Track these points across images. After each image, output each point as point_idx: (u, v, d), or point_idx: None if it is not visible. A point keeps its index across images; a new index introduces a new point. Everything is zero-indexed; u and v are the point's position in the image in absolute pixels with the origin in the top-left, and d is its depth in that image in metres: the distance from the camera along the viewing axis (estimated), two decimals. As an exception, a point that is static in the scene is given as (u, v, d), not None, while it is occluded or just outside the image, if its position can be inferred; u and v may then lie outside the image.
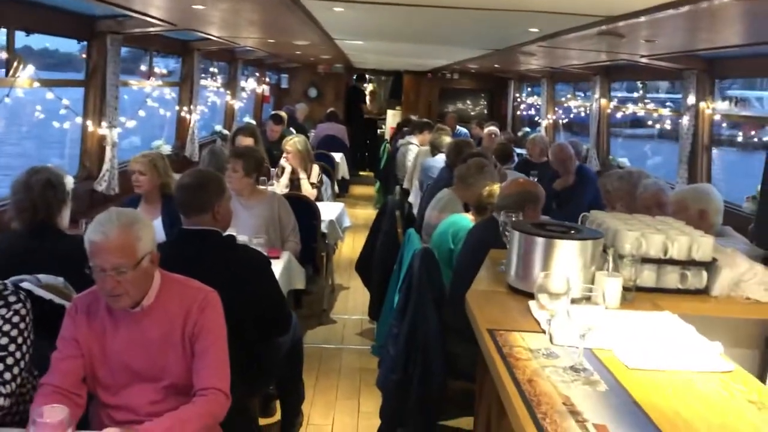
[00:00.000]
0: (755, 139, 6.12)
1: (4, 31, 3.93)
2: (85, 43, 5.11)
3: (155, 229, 2.32)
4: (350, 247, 7.47)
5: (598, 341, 1.94)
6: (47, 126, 4.97)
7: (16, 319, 2.17)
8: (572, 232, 2.43)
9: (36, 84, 4.14)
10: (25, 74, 4.00)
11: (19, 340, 2.16)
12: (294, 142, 5.97)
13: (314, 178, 6.05)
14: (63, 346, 2.20)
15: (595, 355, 1.90)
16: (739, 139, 5.95)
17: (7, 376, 2.11)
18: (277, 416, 3.74)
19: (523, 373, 1.75)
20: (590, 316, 1.78)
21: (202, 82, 8.16)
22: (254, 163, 4.33)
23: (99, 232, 2.11)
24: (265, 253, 3.61)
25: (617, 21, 3.69)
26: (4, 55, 3.97)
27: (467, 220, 4.07)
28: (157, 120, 7.28)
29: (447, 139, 6.97)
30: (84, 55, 5.14)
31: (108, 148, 5.13)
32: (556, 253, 2.33)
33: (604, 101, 7.98)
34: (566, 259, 2.32)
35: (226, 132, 8.98)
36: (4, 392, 2.09)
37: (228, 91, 9.52)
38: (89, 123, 5.06)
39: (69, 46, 6.46)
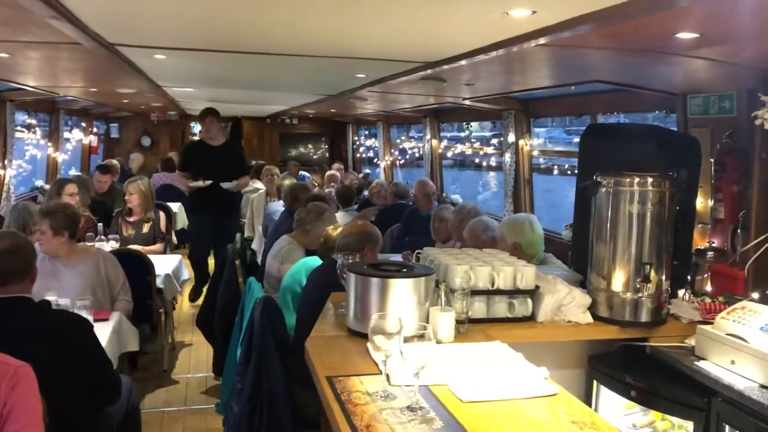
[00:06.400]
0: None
1: None
2: None
3: None
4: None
5: (434, 377, 1.96)
6: None
7: None
8: (404, 270, 2.47)
9: None
10: None
11: None
12: (137, 183, 5.82)
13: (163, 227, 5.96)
14: None
15: (431, 392, 1.93)
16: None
17: None
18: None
19: (360, 419, 1.73)
20: (424, 352, 1.80)
21: (19, 135, 7.54)
22: (64, 220, 3.94)
23: None
24: (91, 317, 3.37)
25: (437, 66, 3.89)
26: None
27: (319, 261, 4.03)
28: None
29: (285, 183, 6.96)
30: None
31: None
32: (390, 292, 2.35)
33: (435, 142, 8.38)
34: (401, 298, 2.35)
35: (47, 187, 8.31)
36: None
37: (50, 143, 8.86)
38: None
39: None
